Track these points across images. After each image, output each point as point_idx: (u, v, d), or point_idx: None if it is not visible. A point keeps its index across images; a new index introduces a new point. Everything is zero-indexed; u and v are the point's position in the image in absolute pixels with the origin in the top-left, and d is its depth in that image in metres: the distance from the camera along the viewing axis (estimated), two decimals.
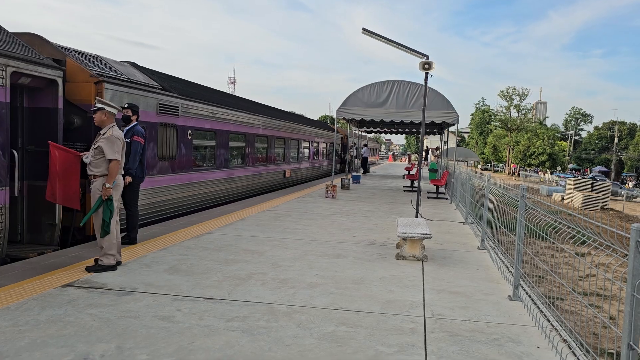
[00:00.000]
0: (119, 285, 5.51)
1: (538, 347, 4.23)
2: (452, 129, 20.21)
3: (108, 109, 6.17)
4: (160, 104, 10.17)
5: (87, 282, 5.56)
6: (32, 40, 7.90)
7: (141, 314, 4.63)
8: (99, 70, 8.58)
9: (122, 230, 7.41)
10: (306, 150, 24.15)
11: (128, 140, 7.16)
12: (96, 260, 6.15)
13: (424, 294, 5.64)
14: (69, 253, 6.95)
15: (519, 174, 66.23)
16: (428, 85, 11.56)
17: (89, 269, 5.99)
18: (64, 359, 3.64)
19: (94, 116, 6.17)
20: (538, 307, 5.12)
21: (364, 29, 11.93)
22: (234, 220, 10.20)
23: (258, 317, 4.69)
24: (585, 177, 63.49)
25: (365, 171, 31.08)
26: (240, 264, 6.66)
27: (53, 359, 3.64)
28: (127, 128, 7.38)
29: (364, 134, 35.27)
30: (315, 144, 25.78)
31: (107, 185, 5.91)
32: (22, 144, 7.39)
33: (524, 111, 77.09)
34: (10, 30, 7.59)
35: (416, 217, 10.85)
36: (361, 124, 23.36)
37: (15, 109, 7.22)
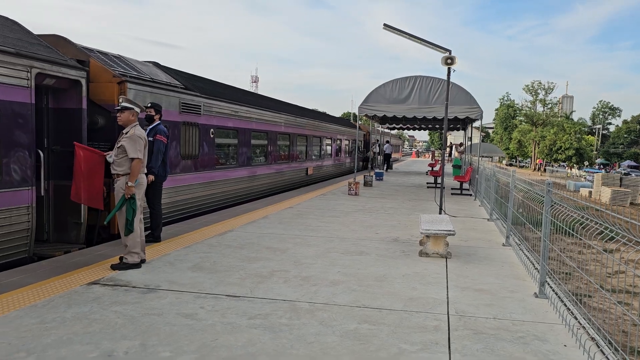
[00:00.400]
0: (143, 283, 5.56)
1: (565, 346, 4.14)
2: (476, 124, 19.96)
3: (135, 108, 6.25)
4: (182, 103, 10.25)
5: (112, 280, 5.63)
6: (57, 42, 8.03)
7: (165, 312, 4.67)
8: (122, 70, 8.68)
9: (146, 229, 7.48)
10: (328, 148, 24.13)
11: (151, 139, 7.23)
12: (121, 258, 6.23)
13: (447, 292, 5.57)
14: (94, 251, 7.05)
15: (545, 169, 65.17)
16: (451, 80, 11.42)
17: (114, 267, 6.07)
18: (89, 356, 3.68)
19: (119, 115, 6.24)
20: (565, 305, 5.01)
21: (385, 25, 11.85)
22: (256, 218, 10.23)
23: (280, 315, 4.68)
24: (614, 172, 62.07)
25: (388, 168, 30.92)
26: (263, 262, 6.67)
27: (78, 355, 3.69)
28: (150, 127, 7.45)
29: (386, 130, 35.08)
30: (337, 141, 25.74)
31: (130, 183, 5.97)
32: (47, 144, 7.52)
33: (549, 105, 75.75)
34: (35, 32, 7.73)
35: (440, 213, 10.74)
36: (383, 120, 23.24)
37: (40, 110, 7.35)
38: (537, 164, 69.85)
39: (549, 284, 5.54)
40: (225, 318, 4.55)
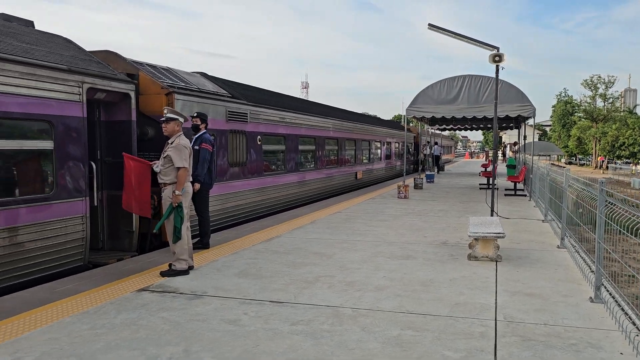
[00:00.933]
0: (190, 289, 5.67)
1: (621, 354, 3.91)
2: (531, 122, 19.31)
3: (180, 118, 6.41)
4: (229, 111, 10.44)
5: (161, 287, 5.77)
6: (108, 57, 8.35)
7: (209, 318, 4.74)
8: (170, 82, 8.93)
9: (194, 236, 7.64)
10: (378, 151, 23.96)
11: (197, 148, 7.39)
12: (170, 265, 6.38)
13: (496, 296, 5.39)
14: (145, 259, 7.26)
15: (607, 167, 62.27)
16: (501, 78, 11.12)
17: (163, 274, 6.22)
18: None
19: (164, 126, 6.40)
20: (622, 310, 4.73)
21: (430, 25, 11.67)
22: (304, 223, 10.27)
23: (322, 321, 4.66)
24: None
25: (439, 170, 30.39)
26: (309, 267, 6.67)
27: None
28: (196, 136, 7.61)
29: (437, 132, 34.55)
30: (387, 145, 25.53)
31: (177, 192, 6.12)
32: (100, 155, 7.82)
33: (610, 100, 72.37)
34: (90, 48, 8.08)
35: (491, 215, 10.44)
36: (433, 121, 22.86)
37: (93, 123, 7.65)
38: (598, 161, 66.83)
39: (605, 288, 5.26)
40: (267, 324, 4.57)
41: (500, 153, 48.49)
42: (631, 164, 62.10)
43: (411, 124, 31.14)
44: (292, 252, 7.61)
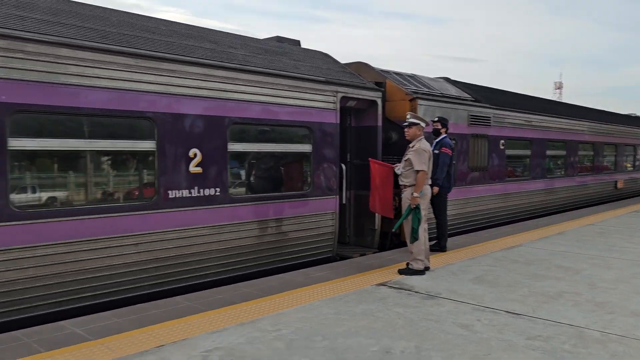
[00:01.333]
0: (424, 289, 5.86)
1: None
2: None
3: (421, 123, 6.67)
4: (470, 115, 10.34)
5: (398, 284, 6.08)
6: (360, 68, 9.09)
7: (442, 319, 4.84)
8: (414, 88, 9.28)
9: (432, 238, 7.80)
10: None
11: (436, 152, 7.53)
12: (407, 264, 6.67)
13: None
14: (385, 256, 7.71)
15: None
16: None
17: (400, 272, 6.55)
18: (370, 349, 4.11)
19: (407, 131, 6.73)
20: None
21: None
22: (550, 234, 9.59)
23: (563, 340, 4.36)
24: None
25: None
26: (551, 281, 6.26)
27: (361, 347, 4.16)
28: (437, 140, 7.77)
29: None
30: None
31: (415, 194, 6.36)
32: (349, 158, 8.57)
33: None
34: (345, 61, 8.93)
35: None
36: None
37: (344, 129, 8.42)
38: None
39: None
40: (501, 334, 4.48)
41: None
42: None
43: None
44: (533, 262, 7.22)
